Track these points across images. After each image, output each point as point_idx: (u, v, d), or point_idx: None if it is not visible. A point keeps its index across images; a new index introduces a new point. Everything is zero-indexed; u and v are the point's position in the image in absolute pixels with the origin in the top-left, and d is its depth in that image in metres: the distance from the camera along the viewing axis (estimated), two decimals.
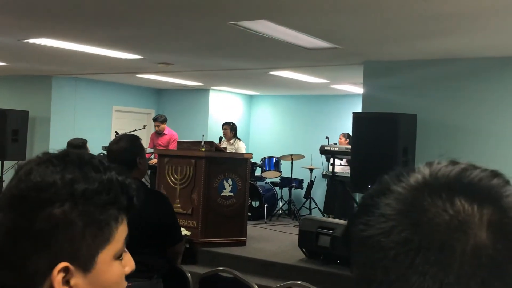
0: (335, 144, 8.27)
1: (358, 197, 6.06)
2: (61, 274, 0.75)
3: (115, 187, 0.83)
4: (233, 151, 8.03)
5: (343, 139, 8.64)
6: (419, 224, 0.57)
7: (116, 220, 0.83)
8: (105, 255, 0.81)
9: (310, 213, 8.75)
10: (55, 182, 0.77)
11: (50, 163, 0.80)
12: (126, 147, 2.96)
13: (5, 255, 0.76)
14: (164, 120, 8.60)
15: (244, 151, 7.95)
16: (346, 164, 8.29)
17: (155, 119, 8.65)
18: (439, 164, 0.66)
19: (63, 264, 0.76)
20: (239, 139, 8.49)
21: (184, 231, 6.17)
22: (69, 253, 0.76)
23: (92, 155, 0.85)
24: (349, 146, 7.27)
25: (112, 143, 3.06)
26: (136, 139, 3.08)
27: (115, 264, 0.84)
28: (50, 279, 0.75)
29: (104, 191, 0.80)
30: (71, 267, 0.76)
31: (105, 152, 7.50)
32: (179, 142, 7.49)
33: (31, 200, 0.76)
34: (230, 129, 8.42)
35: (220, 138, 8.51)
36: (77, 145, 5.27)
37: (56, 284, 0.75)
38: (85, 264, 0.78)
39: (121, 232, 0.85)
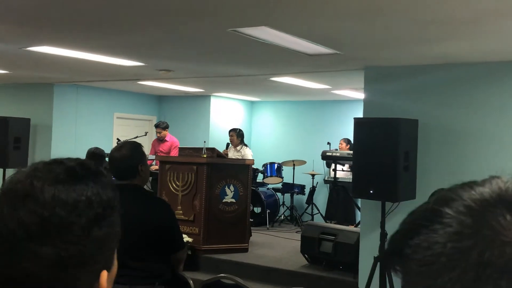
0: (336, 149, 8.27)
1: (360, 202, 6.05)
2: (105, 281, 0.79)
3: (113, 184, 0.85)
4: (240, 157, 7.98)
5: (344, 144, 8.64)
6: (492, 239, 0.54)
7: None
8: (115, 254, 0.85)
9: (312, 219, 8.74)
10: (90, 201, 0.76)
11: (66, 181, 0.77)
12: (128, 154, 2.97)
13: (53, 285, 0.74)
14: (165, 127, 8.61)
15: (251, 158, 7.89)
16: (348, 169, 8.29)
17: (156, 126, 8.66)
18: (505, 179, 0.62)
19: (105, 273, 0.79)
20: (246, 145, 8.43)
21: (186, 238, 6.16)
22: (106, 261, 0.80)
23: (88, 161, 0.85)
24: (351, 152, 7.27)
25: (114, 150, 3.07)
26: (138, 146, 3.09)
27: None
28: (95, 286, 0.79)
29: (114, 194, 0.82)
30: (106, 272, 0.80)
31: (106, 159, 7.50)
32: (180, 149, 7.50)
33: (75, 225, 0.74)
34: (236, 135, 8.37)
35: (227, 145, 8.49)
36: (99, 154, 5.33)
37: (103, 284, 0.79)
38: (110, 265, 0.82)
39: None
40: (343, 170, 8.29)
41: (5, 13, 3.80)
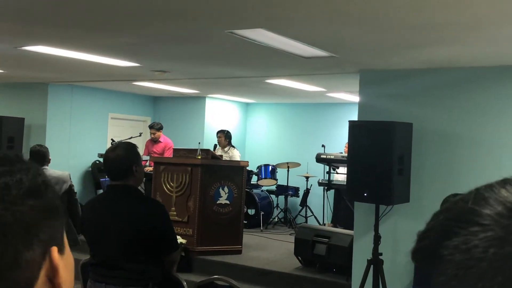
0: (341, 153, 8.25)
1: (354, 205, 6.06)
2: (57, 255, 0.79)
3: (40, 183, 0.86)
4: (228, 158, 8.03)
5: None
6: None
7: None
8: (66, 239, 0.85)
9: (306, 221, 8.74)
10: (20, 179, 0.79)
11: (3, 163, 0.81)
12: (122, 155, 2.96)
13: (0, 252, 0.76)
14: (160, 128, 8.60)
15: (238, 159, 7.97)
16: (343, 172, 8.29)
17: (151, 127, 8.65)
18: None
19: (55, 248, 0.79)
20: (233, 146, 8.50)
21: (179, 239, 6.15)
22: (53, 238, 0.80)
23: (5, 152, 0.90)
24: (345, 154, 7.27)
25: (109, 150, 3.06)
26: (133, 147, 3.08)
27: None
28: (45, 265, 0.78)
29: (45, 178, 0.84)
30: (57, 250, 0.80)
31: (101, 159, 7.49)
32: (175, 150, 7.49)
33: (9, 197, 0.77)
34: (224, 137, 8.44)
35: (215, 146, 8.52)
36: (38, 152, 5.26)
37: (56, 261, 0.78)
38: (61, 247, 0.82)
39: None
40: (337, 173, 8.29)
41: (0, 12, 3.78)
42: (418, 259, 0.60)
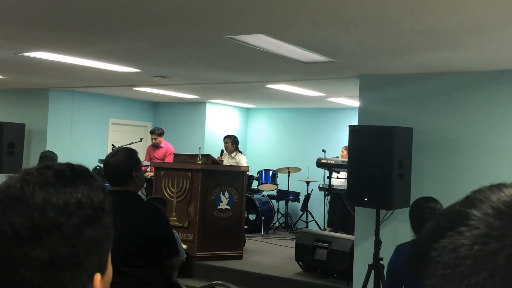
0: (337, 157, 8.26)
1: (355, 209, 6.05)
2: (99, 280, 0.79)
3: (104, 187, 0.85)
4: (234, 164, 8.00)
5: (345, 152, 8.63)
6: None
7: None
8: (109, 258, 0.85)
9: (307, 226, 8.73)
10: (81, 203, 0.77)
11: (56, 184, 0.77)
12: (123, 160, 2.97)
13: (43, 287, 0.73)
14: (161, 133, 8.60)
15: (245, 164, 7.92)
16: (344, 177, 8.29)
17: (152, 132, 8.65)
18: None
19: (98, 276, 0.79)
20: (240, 152, 8.46)
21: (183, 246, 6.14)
22: (99, 263, 0.80)
23: (78, 165, 0.85)
24: (345, 159, 7.28)
25: (109, 156, 3.07)
26: (133, 152, 3.09)
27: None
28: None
29: (106, 196, 0.82)
30: (99, 275, 0.80)
31: (101, 165, 7.49)
32: (176, 155, 7.49)
33: (66, 227, 0.74)
34: (231, 142, 8.40)
35: (222, 151, 8.49)
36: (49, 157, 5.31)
37: (97, 286, 0.78)
38: (104, 268, 0.82)
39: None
40: (337, 177, 8.29)
41: (0, 18, 3.80)
42: (412, 265, 0.61)
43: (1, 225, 0.73)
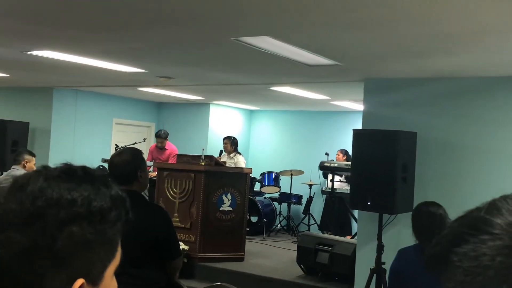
0: (333, 160, 8.28)
1: (356, 213, 6.05)
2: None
3: (121, 202, 0.83)
4: (233, 165, 8.04)
5: (341, 155, 8.65)
6: None
7: (120, 236, 0.83)
8: (109, 271, 0.82)
9: (309, 229, 8.72)
10: (74, 200, 0.77)
11: (61, 179, 0.78)
12: (128, 160, 2.97)
13: (19, 275, 0.74)
14: (166, 137, 8.60)
15: (243, 165, 7.97)
16: (345, 180, 8.29)
17: (158, 136, 8.61)
18: None
19: (80, 281, 0.76)
20: (239, 153, 8.52)
21: (182, 246, 6.14)
22: (85, 270, 0.77)
23: (94, 169, 0.85)
24: (349, 163, 7.27)
25: (114, 155, 3.07)
26: (138, 152, 3.09)
27: (113, 279, 0.84)
28: None
29: (113, 208, 0.81)
30: (85, 283, 0.77)
31: (104, 164, 7.49)
32: (179, 156, 7.49)
33: (51, 218, 0.75)
34: (230, 143, 8.46)
35: (221, 152, 8.53)
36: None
37: None
38: (96, 280, 0.79)
39: (119, 247, 0.85)
40: (340, 181, 8.30)
41: (7, 17, 3.81)
42: (431, 265, 0.61)
43: (1, 208, 0.77)
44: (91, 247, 0.77)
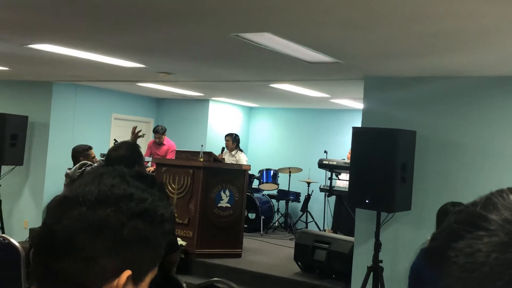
0: (344, 159, 8.24)
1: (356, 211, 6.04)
2: (124, 280, 0.81)
3: (173, 219, 0.91)
4: (235, 162, 8.03)
5: None
6: None
7: (164, 250, 0.89)
8: (149, 276, 0.87)
9: (307, 227, 8.72)
10: (145, 198, 0.84)
11: (134, 179, 0.86)
12: (125, 155, 2.96)
13: (82, 249, 0.80)
14: (164, 132, 8.61)
15: (245, 163, 7.95)
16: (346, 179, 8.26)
17: (155, 131, 8.62)
18: None
19: (128, 272, 0.81)
20: (241, 150, 8.52)
21: (179, 241, 6.14)
22: (135, 264, 0.83)
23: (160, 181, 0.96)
24: (347, 161, 7.27)
25: (111, 150, 3.06)
26: (135, 146, 3.08)
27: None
28: (112, 282, 0.81)
29: (171, 220, 0.88)
30: (130, 276, 0.82)
31: (103, 159, 7.48)
32: (177, 152, 7.49)
33: (125, 206, 0.81)
34: (232, 140, 8.45)
35: (223, 149, 8.52)
36: (82, 150, 5.28)
37: (119, 286, 0.81)
38: (138, 278, 0.84)
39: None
40: (339, 179, 8.28)
41: (7, 10, 3.80)
42: (429, 259, 0.61)
43: (80, 190, 0.85)
44: (147, 245, 0.83)
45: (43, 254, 0.81)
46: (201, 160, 6.77)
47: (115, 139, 8.26)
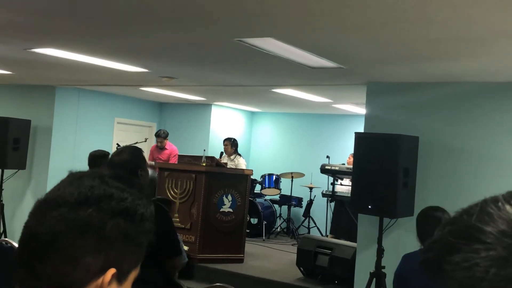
0: (344, 164, 8.23)
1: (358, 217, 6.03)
2: (109, 278, 0.83)
3: (152, 219, 0.94)
4: (233, 166, 8.04)
5: (352, 159, 8.57)
6: None
7: (145, 249, 0.92)
8: (132, 275, 0.89)
9: (309, 232, 8.71)
10: (125, 198, 0.86)
11: (113, 180, 0.88)
12: (128, 159, 2.96)
13: (66, 249, 0.81)
14: (166, 136, 8.62)
15: (244, 167, 7.97)
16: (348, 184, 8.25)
17: (157, 135, 8.64)
18: None
19: (113, 270, 0.83)
20: (239, 155, 8.52)
21: (184, 247, 6.12)
22: (118, 262, 0.84)
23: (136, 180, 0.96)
24: (350, 166, 7.25)
25: (114, 154, 3.06)
26: (138, 151, 3.08)
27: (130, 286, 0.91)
28: (96, 280, 0.82)
29: (150, 219, 0.91)
30: (115, 274, 0.84)
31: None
32: (180, 156, 7.49)
33: (106, 206, 0.83)
34: (231, 145, 8.46)
35: (221, 154, 8.53)
36: (100, 155, 5.26)
37: (104, 284, 0.83)
38: (122, 277, 0.86)
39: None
40: (341, 184, 8.26)
41: (11, 14, 3.81)
42: (425, 270, 0.59)
43: (59, 192, 0.87)
44: (129, 243, 0.85)
45: (27, 256, 0.82)
46: (204, 164, 6.77)
47: (117, 144, 8.27)
